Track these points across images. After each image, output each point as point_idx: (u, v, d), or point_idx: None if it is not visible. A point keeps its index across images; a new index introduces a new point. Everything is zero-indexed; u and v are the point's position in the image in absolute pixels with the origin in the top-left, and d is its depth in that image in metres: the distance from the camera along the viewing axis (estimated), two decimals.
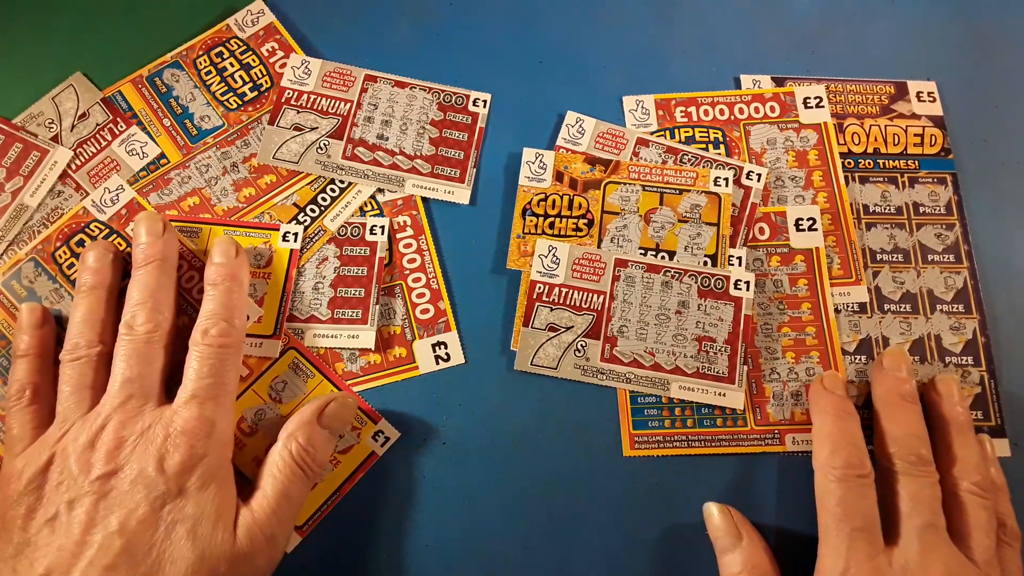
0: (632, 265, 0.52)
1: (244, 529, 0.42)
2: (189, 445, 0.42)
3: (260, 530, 0.43)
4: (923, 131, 0.57)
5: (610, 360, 0.51)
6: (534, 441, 0.51)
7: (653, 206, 0.54)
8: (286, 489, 0.44)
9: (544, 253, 0.53)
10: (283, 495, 0.44)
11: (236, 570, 0.41)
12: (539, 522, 0.50)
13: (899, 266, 0.54)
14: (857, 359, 0.52)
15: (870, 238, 0.54)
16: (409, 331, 0.52)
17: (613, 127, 0.56)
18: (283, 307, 0.51)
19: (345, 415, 0.48)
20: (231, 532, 0.42)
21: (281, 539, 0.44)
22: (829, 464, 0.46)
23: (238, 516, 0.43)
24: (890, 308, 0.53)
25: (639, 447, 0.51)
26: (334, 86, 0.56)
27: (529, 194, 0.54)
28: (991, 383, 0.52)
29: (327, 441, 0.47)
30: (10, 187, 0.52)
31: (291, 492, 0.44)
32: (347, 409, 0.48)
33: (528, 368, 0.51)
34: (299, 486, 0.45)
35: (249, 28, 0.58)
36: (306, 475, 0.45)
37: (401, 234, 0.54)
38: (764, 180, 0.55)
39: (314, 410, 0.47)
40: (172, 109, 0.55)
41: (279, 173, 0.54)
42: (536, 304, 0.52)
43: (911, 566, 0.43)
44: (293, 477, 0.45)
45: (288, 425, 0.46)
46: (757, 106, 0.57)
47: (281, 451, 0.45)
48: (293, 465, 0.45)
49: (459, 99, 0.57)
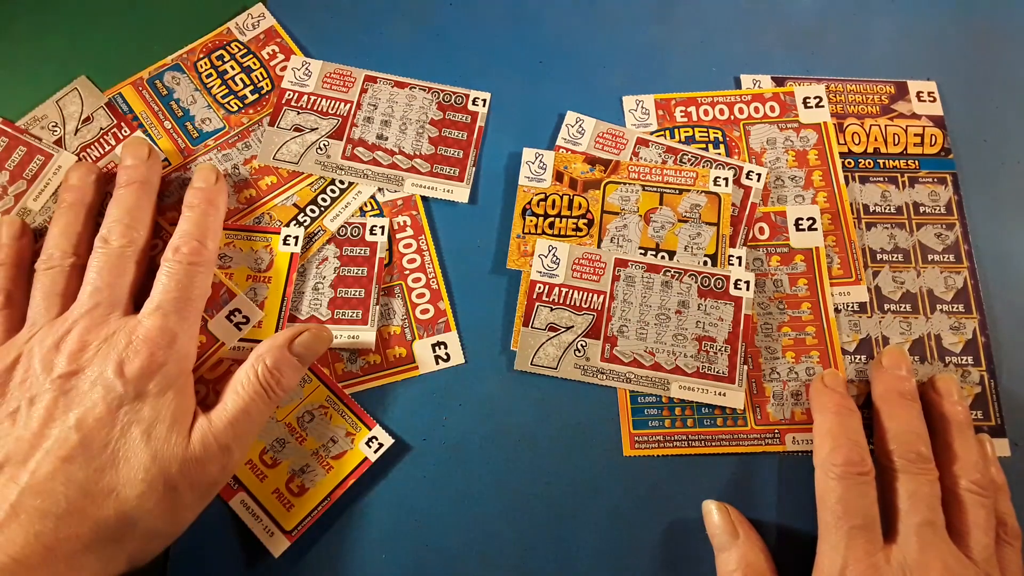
0: (632, 265, 0.52)
1: (199, 435, 0.44)
2: (149, 352, 0.43)
3: (215, 438, 0.44)
4: (923, 131, 0.57)
5: (610, 360, 0.51)
6: (534, 441, 0.51)
7: (653, 206, 0.54)
8: (247, 406, 0.45)
9: (544, 253, 0.53)
10: (243, 411, 0.45)
11: (187, 473, 0.43)
12: (539, 522, 0.50)
13: (899, 266, 0.54)
14: (857, 359, 0.52)
15: (870, 238, 0.54)
16: (409, 331, 0.52)
17: (613, 127, 0.56)
18: (283, 311, 0.51)
19: (316, 347, 0.49)
20: (185, 437, 0.43)
21: (236, 451, 0.45)
22: (830, 461, 0.46)
23: (194, 423, 0.44)
24: (890, 308, 0.53)
25: (639, 447, 0.51)
26: (334, 87, 0.56)
27: (529, 194, 0.54)
28: (991, 383, 0.52)
29: (294, 368, 0.47)
30: (13, 190, 0.53)
31: (251, 410, 0.45)
32: (320, 342, 0.49)
33: (528, 368, 0.51)
34: (260, 406, 0.46)
35: (250, 31, 0.58)
36: (268, 396, 0.46)
37: (401, 234, 0.54)
38: (764, 180, 0.55)
39: (287, 336, 0.48)
40: (173, 111, 0.56)
41: (279, 175, 0.54)
42: (536, 304, 0.52)
43: (909, 563, 0.43)
44: (256, 396, 0.46)
45: (259, 347, 0.47)
46: (757, 106, 0.57)
47: (248, 370, 0.46)
48: (257, 384, 0.46)
49: (459, 98, 0.57)
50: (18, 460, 0.40)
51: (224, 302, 0.51)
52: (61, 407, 0.42)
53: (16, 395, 0.43)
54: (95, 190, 0.51)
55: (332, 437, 0.50)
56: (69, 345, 0.43)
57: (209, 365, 0.50)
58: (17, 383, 0.43)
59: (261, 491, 0.49)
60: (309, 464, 0.49)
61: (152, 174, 0.51)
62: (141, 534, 0.41)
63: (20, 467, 0.40)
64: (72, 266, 0.48)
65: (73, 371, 0.43)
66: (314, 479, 0.49)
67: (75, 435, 0.41)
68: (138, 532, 0.41)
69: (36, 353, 0.43)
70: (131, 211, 0.49)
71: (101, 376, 0.42)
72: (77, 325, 0.44)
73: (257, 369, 0.46)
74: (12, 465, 0.40)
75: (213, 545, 0.48)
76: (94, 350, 0.43)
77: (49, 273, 0.47)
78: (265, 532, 0.48)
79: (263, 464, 0.49)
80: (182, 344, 0.45)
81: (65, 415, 0.41)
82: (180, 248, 0.47)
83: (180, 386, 0.44)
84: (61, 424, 0.41)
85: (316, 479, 0.49)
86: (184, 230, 0.48)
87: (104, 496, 0.40)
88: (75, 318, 0.45)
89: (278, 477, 0.49)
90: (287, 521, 0.48)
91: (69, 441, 0.40)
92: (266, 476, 0.49)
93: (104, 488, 0.40)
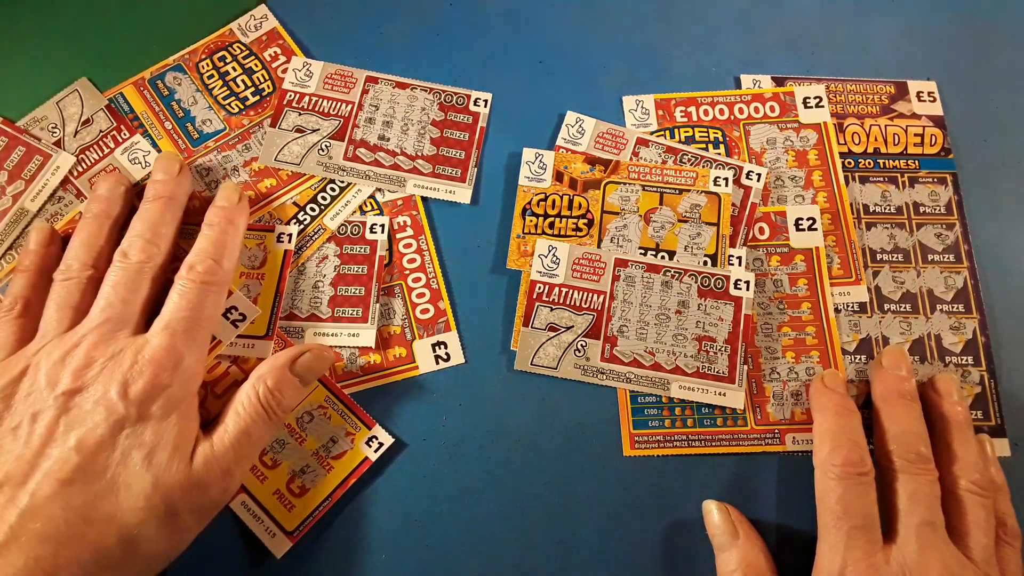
0: (632, 265, 0.52)
1: (201, 459, 0.43)
2: (154, 373, 0.43)
3: (217, 462, 0.44)
4: (923, 131, 0.57)
5: (610, 360, 0.51)
6: (534, 441, 0.51)
7: (653, 206, 0.54)
8: (248, 427, 0.45)
9: (544, 253, 0.53)
10: (244, 432, 0.45)
11: (189, 498, 0.42)
12: (539, 522, 0.50)
13: (899, 266, 0.54)
14: (857, 359, 0.52)
15: (870, 238, 0.54)
16: (409, 331, 0.52)
17: (613, 127, 0.56)
18: (276, 308, 0.51)
19: (318, 367, 0.48)
20: (187, 462, 0.43)
21: (238, 473, 0.45)
22: (829, 461, 0.46)
23: (197, 446, 0.44)
24: (890, 308, 0.53)
25: (639, 447, 0.51)
26: (335, 88, 0.56)
27: (529, 194, 0.55)
28: (991, 383, 0.52)
29: (295, 389, 0.47)
30: (11, 190, 0.53)
31: (252, 431, 0.45)
32: (321, 362, 0.49)
33: (528, 368, 0.51)
34: (261, 427, 0.46)
35: (252, 33, 0.58)
36: (270, 417, 0.46)
37: (401, 234, 0.54)
38: (764, 180, 0.55)
39: (288, 357, 0.47)
40: (174, 112, 0.56)
41: (279, 177, 0.54)
42: (536, 304, 0.52)
43: (909, 564, 0.43)
44: (256, 417, 0.45)
45: (260, 367, 0.47)
46: (757, 106, 0.57)
47: (249, 391, 0.46)
48: (258, 406, 0.45)
49: (460, 99, 0.57)
50: (17, 480, 0.40)
51: None
52: (63, 426, 0.41)
53: (20, 409, 0.42)
54: (123, 203, 0.51)
55: (332, 437, 0.50)
56: (75, 361, 0.43)
57: (206, 366, 0.49)
58: (22, 396, 0.43)
59: (262, 492, 0.49)
60: (309, 464, 0.49)
61: (180, 191, 0.51)
62: (143, 558, 0.41)
63: (19, 488, 0.40)
64: (89, 279, 0.47)
65: (77, 388, 0.42)
66: (315, 479, 0.49)
67: (75, 457, 0.40)
68: (140, 557, 0.41)
69: (43, 366, 0.43)
70: (154, 227, 0.48)
71: (104, 396, 0.42)
72: (85, 340, 0.44)
73: (258, 390, 0.46)
74: (11, 486, 0.40)
75: (214, 547, 0.48)
76: (99, 367, 0.43)
77: (65, 284, 0.47)
78: (267, 533, 0.48)
79: (263, 465, 0.49)
80: (188, 365, 0.44)
81: (66, 435, 0.41)
82: (195, 267, 0.47)
83: (184, 409, 0.44)
84: (62, 444, 0.41)
85: (317, 479, 0.49)
86: (201, 248, 0.48)
87: (104, 523, 0.40)
88: (84, 333, 0.44)
89: (279, 478, 0.49)
90: (289, 522, 0.48)
91: (69, 463, 0.40)
92: (266, 477, 0.49)
93: (104, 514, 0.40)
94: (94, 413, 0.41)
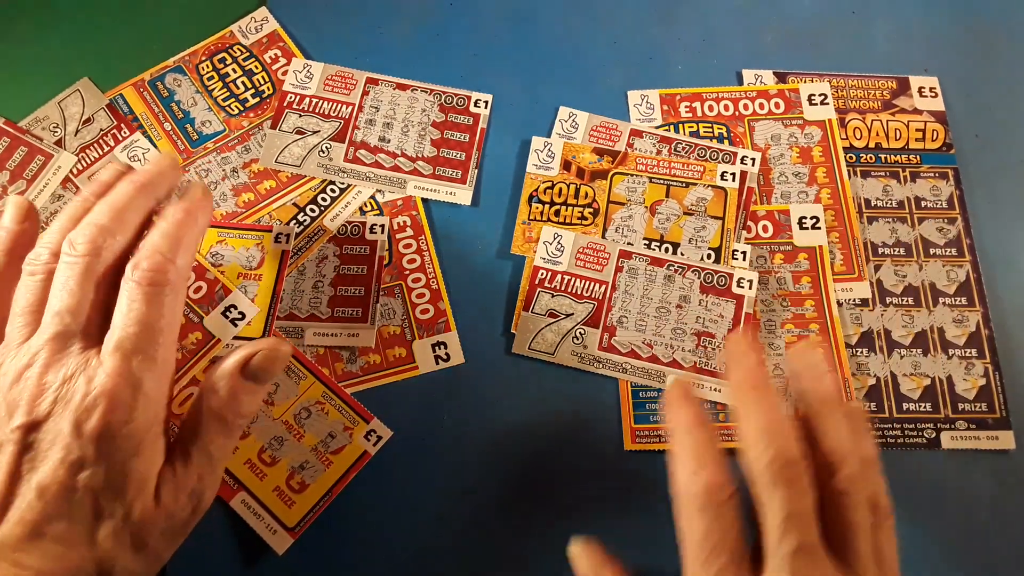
0: (636, 257, 0.52)
1: (167, 490, 0.40)
2: (107, 408, 0.37)
3: (181, 489, 0.40)
4: (925, 126, 0.57)
5: (607, 349, 0.51)
6: (534, 439, 0.51)
7: (659, 198, 0.54)
8: (206, 446, 0.41)
9: (549, 240, 0.53)
10: (203, 452, 0.41)
11: (156, 528, 0.39)
12: (541, 519, 0.49)
13: (901, 260, 0.54)
14: (859, 351, 0.52)
15: (872, 232, 0.54)
16: (409, 331, 0.52)
17: (607, 120, 0.56)
18: (273, 309, 0.51)
19: (272, 367, 0.43)
20: (152, 496, 0.39)
21: (208, 489, 0.41)
22: (687, 491, 0.39)
23: (161, 476, 0.40)
24: (892, 301, 0.53)
25: (640, 441, 0.50)
26: (336, 89, 0.57)
27: (536, 181, 0.55)
28: (995, 375, 0.51)
29: (251, 393, 0.42)
30: (13, 190, 0.53)
31: (212, 448, 0.41)
32: (275, 359, 0.43)
33: (525, 352, 0.51)
34: (220, 440, 0.41)
35: (252, 35, 0.58)
36: (229, 429, 0.42)
37: (401, 234, 0.54)
38: (759, 164, 0.55)
39: (238, 361, 0.42)
40: (173, 113, 0.56)
41: (278, 179, 0.55)
42: (538, 289, 0.52)
43: None
44: (214, 434, 0.41)
45: (209, 375, 0.42)
46: (762, 102, 0.57)
47: (201, 405, 0.41)
48: (212, 420, 0.41)
49: (460, 100, 0.57)
50: None
51: (220, 298, 0.51)
52: (26, 465, 0.37)
53: None
54: None
55: (330, 432, 0.49)
56: (28, 386, 0.38)
57: (204, 366, 0.49)
58: None
59: (261, 489, 0.48)
60: (308, 460, 0.49)
61: (162, 181, 0.44)
62: None
63: None
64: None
65: (32, 423, 0.37)
66: (314, 475, 0.49)
67: (38, 504, 0.37)
68: None
69: (2, 385, 0.38)
70: (118, 212, 0.42)
71: (59, 435, 0.37)
72: (37, 360, 0.38)
73: (211, 403, 0.41)
74: None
75: (216, 546, 0.48)
76: (52, 396, 0.38)
77: (32, 281, 0.41)
78: (268, 530, 0.48)
79: (262, 463, 0.49)
80: (149, 389, 0.39)
81: (29, 476, 0.37)
82: (140, 264, 0.40)
83: (149, 441, 0.39)
84: (26, 487, 0.37)
85: (316, 475, 0.49)
86: (151, 242, 0.41)
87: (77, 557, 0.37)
88: (36, 348, 0.39)
89: (278, 475, 0.49)
90: (289, 518, 0.48)
91: (34, 509, 0.37)
92: (266, 475, 0.49)
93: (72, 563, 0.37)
94: (52, 453, 0.37)
